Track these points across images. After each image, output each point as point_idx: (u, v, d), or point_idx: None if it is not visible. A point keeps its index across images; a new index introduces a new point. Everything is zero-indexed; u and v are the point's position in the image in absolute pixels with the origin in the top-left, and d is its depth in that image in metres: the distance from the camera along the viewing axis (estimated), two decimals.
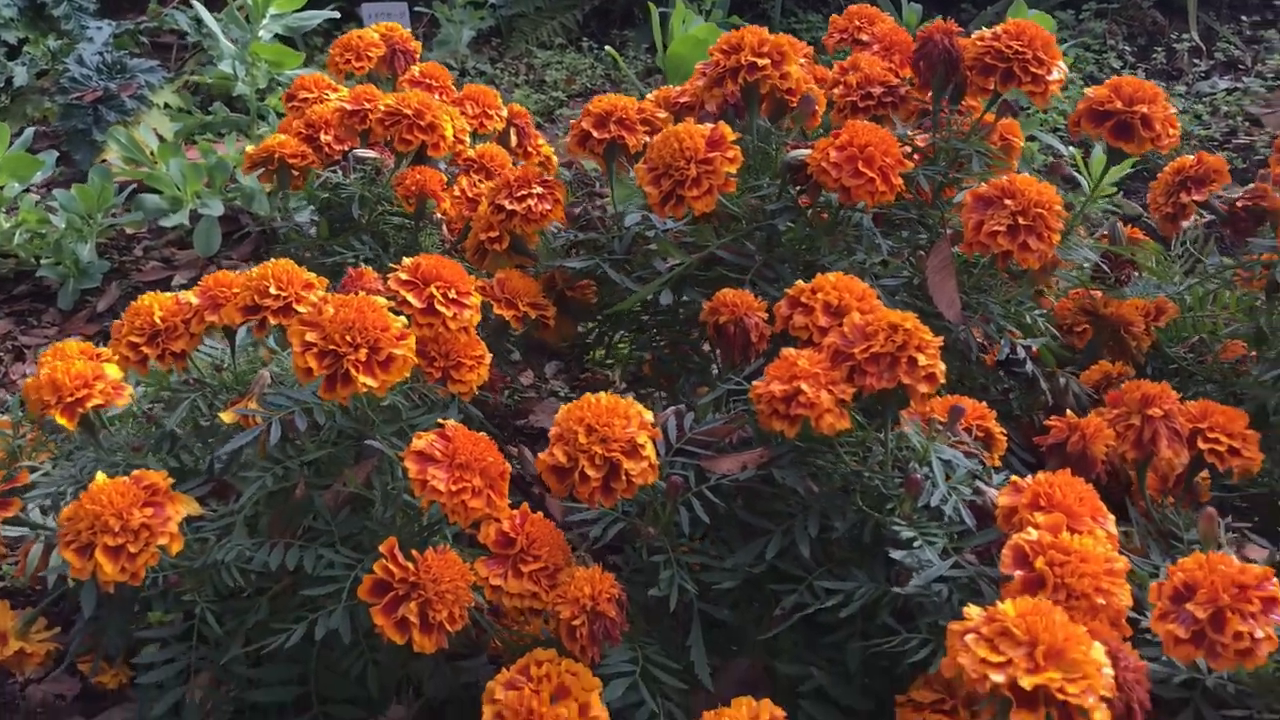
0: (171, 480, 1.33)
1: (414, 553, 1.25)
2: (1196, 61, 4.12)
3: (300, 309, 1.35)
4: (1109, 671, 0.93)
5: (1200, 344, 1.89)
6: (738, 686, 1.24)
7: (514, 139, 2.29)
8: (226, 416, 1.47)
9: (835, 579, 1.25)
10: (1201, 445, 1.36)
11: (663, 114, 1.83)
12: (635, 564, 1.34)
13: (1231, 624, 0.97)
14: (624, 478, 1.23)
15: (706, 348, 1.69)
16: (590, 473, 1.22)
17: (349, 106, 1.99)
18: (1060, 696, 0.89)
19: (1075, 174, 3.22)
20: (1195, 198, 1.76)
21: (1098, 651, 0.94)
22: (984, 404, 1.41)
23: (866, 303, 1.31)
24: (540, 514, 1.34)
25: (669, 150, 1.48)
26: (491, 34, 4.78)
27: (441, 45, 4.48)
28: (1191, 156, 1.80)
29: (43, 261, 3.29)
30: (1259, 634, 0.97)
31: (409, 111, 1.87)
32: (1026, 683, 0.89)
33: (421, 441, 1.28)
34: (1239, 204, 1.69)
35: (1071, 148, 3.57)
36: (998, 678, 0.90)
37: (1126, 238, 1.78)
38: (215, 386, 1.57)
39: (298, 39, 4.15)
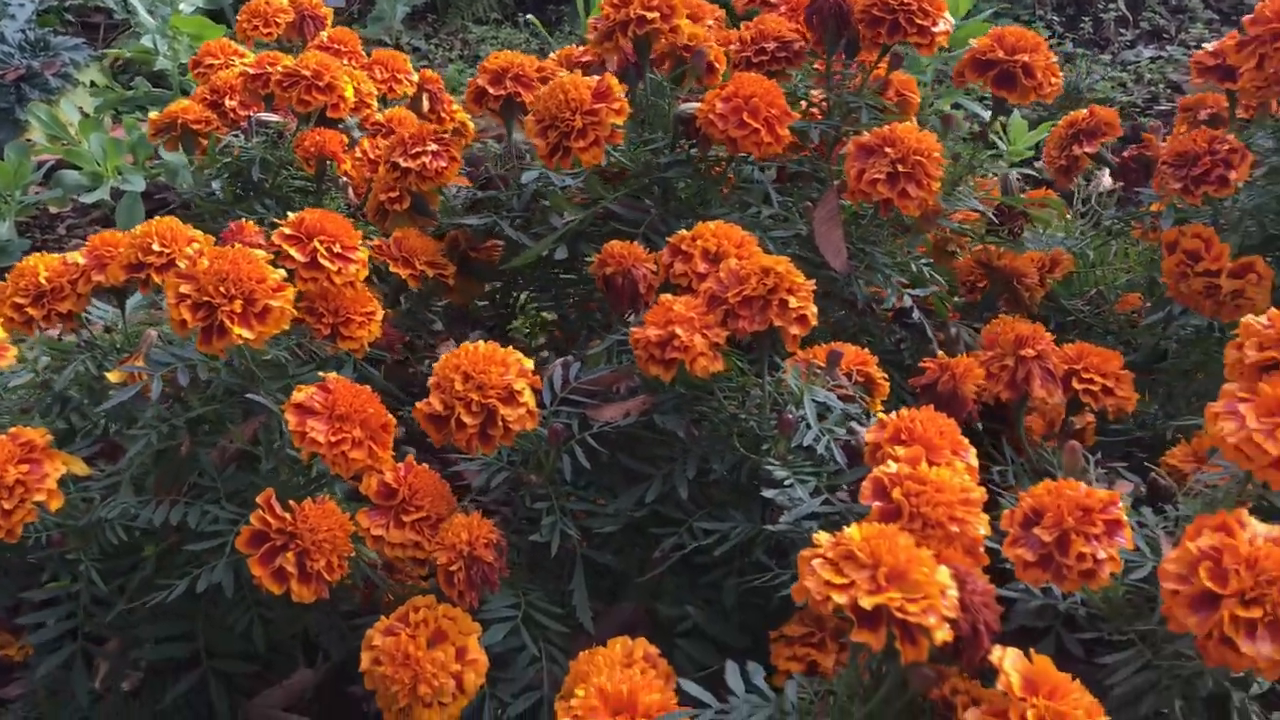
0: (51, 438, 1.32)
1: (291, 503, 1.25)
2: (1123, 31, 4.17)
3: (172, 278, 1.34)
4: (953, 593, 0.95)
5: (1098, 296, 1.93)
6: (619, 629, 1.25)
7: (426, 104, 2.27)
8: (113, 376, 1.46)
9: (714, 520, 1.26)
10: (1076, 386, 1.39)
11: (617, 85, 1.83)
12: (521, 513, 1.35)
13: (1075, 546, 1.00)
14: (501, 424, 1.23)
15: None
16: (467, 420, 1.23)
17: (252, 71, 1.97)
18: (900, 615, 0.91)
19: (996, 139, 3.27)
20: (1086, 149, 1.78)
21: (942, 574, 0.95)
22: (867, 351, 1.43)
23: (745, 249, 1.33)
24: (425, 466, 1.35)
25: (555, 102, 1.48)
26: (427, 9, 4.75)
27: (376, 21, 4.44)
28: (1084, 110, 1.82)
29: None
30: (1101, 555, 0.99)
31: (307, 73, 1.86)
32: (867, 603, 0.91)
33: (301, 394, 1.28)
34: (1127, 155, 1.72)
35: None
36: (840, 599, 0.92)
37: (1018, 190, 1.80)
38: (105, 348, 1.55)
39: (227, 10, 4.09)
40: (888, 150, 1.44)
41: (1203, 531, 0.96)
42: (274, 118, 1.99)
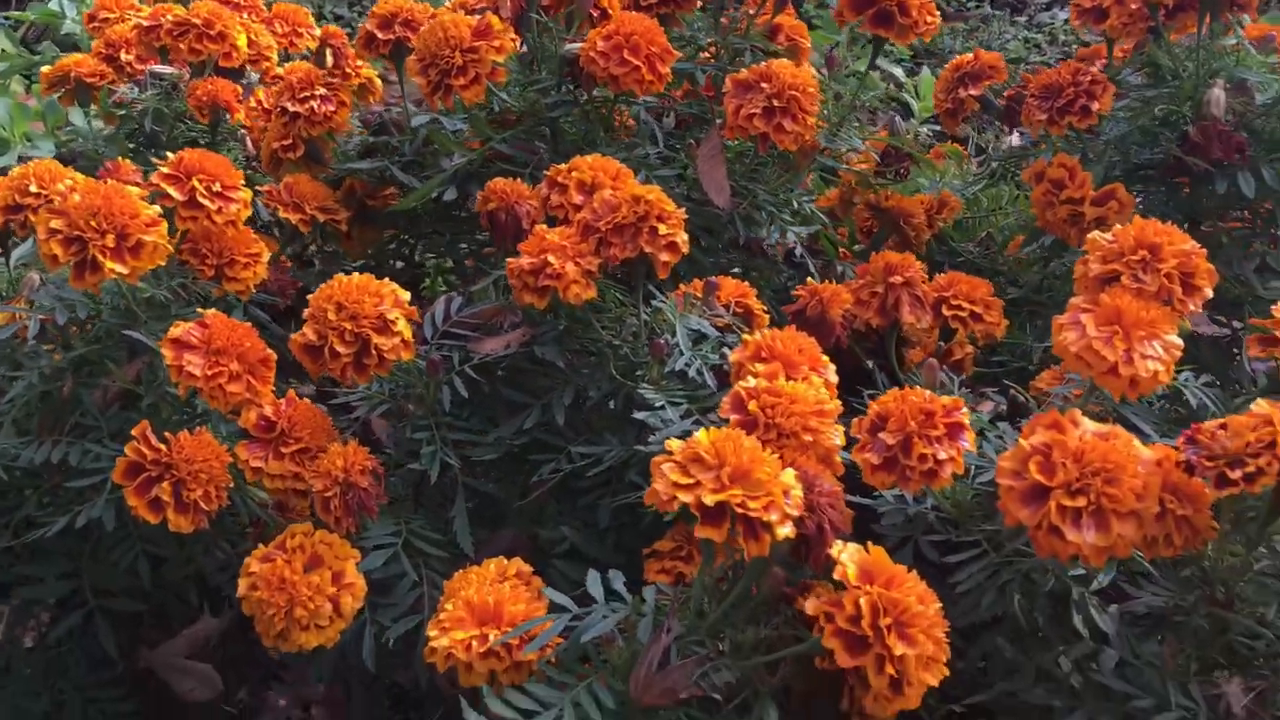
0: None
1: (167, 435, 1.25)
2: None
3: (44, 213, 1.33)
4: (798, 493, 0.98)
5: (988, 239, 1.97)
6: (501, 554, 1.26)
7: (329, 59, 2.25)
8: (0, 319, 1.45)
9: (591, 445, 1.29)
10: (946, 312, 1.43)
11: (498, 23, 1.83)
12: (405, 445, 1.36)
13: (917, 448, 1.03)
14: (375, 354, 1.25)
15: None
16: (340, 349, 1.24)
17: (146, 23, 1.96)
18: (741, 511, 0.94)
19: (909, 99, 3.31)
20: (971, 92, 1.82)
21: (787, 476, 0.99)
22: (748, 285, 1.46)
23: (620, 181, 1.35)
24: (306, 400, 1.36)
25: (435, 40, 1.49)
26: None
27: None
28: (970, 54, 1.86)
29: None
30: (943, 456, 1.03)
31: (198, 21, 1.85)
32: (709, 499, 0.94)
33: (179, 329, 1.28)
34: (1008, 94, 1.76)
35: (910, 75, 3.66)
36: (685, 498, 0.95)
37: (905, 132, 1.84)
38: None
39: None
40: (764, 86, 1.47)
41: (1036, 430, 1.00)
42: (168, 69, 1.98)
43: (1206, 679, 1.00)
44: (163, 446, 1.24)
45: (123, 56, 2.05)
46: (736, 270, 1.72)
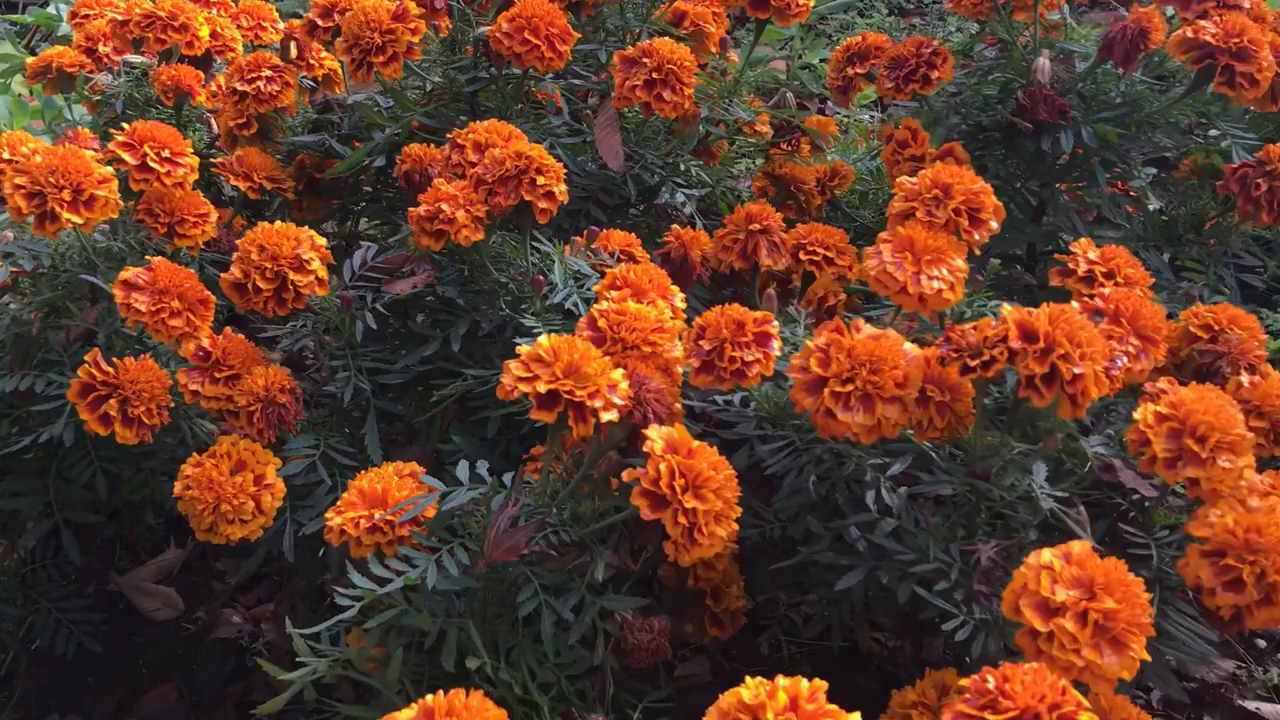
0: None
1: (114, 360, 1.46)
2: None
3: (9, 171, 1.53)
4: (624, 387, 1.18)
5: (884, 206, 2.16)
6: None
7: (294, 51, 2.46)
8: None
9: (483, 370, 1.48)
10: (803, 256, 1.62)
11: (414, 8, 2.03)
12: (326, 373, 1.57)
13: (728, 352, 1.23)
14: (292, 289, 1.46)
15: None
16: (261, 285, 1.45)
17: (119, 17, 2.17)
18: (568, 398, 1.14)
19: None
20: (859, 70, 2.01)
21: (615, 373, 1.18)
22: (634, 235, 1.65)
23: (507, 144, 1.54)
24: (242, 336, 1.56)
25: (358, 23, 1.69)
26: None
27: None
28: (858, 36, 2.05)
29: None
30: (750, 358, 1.23)
31: (163, 14, 2.06)
32: (543, 388, 1.13)
33: (128, 273, 1.49)
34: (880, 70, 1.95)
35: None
36: (525, 388, 1.14)
37: (795, 105, 2.04)
38: None
39: None
40: (645, 60, 1.67)
41: (821, 333, 1.19)
42: (139, 59, 2.18)
43: (969, 542, 1.19)
44: (111, 369, 1.45)
45: (100, 48, 2.26)
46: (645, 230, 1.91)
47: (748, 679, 0.90)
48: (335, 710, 1.27)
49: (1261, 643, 1.80)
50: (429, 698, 0.90)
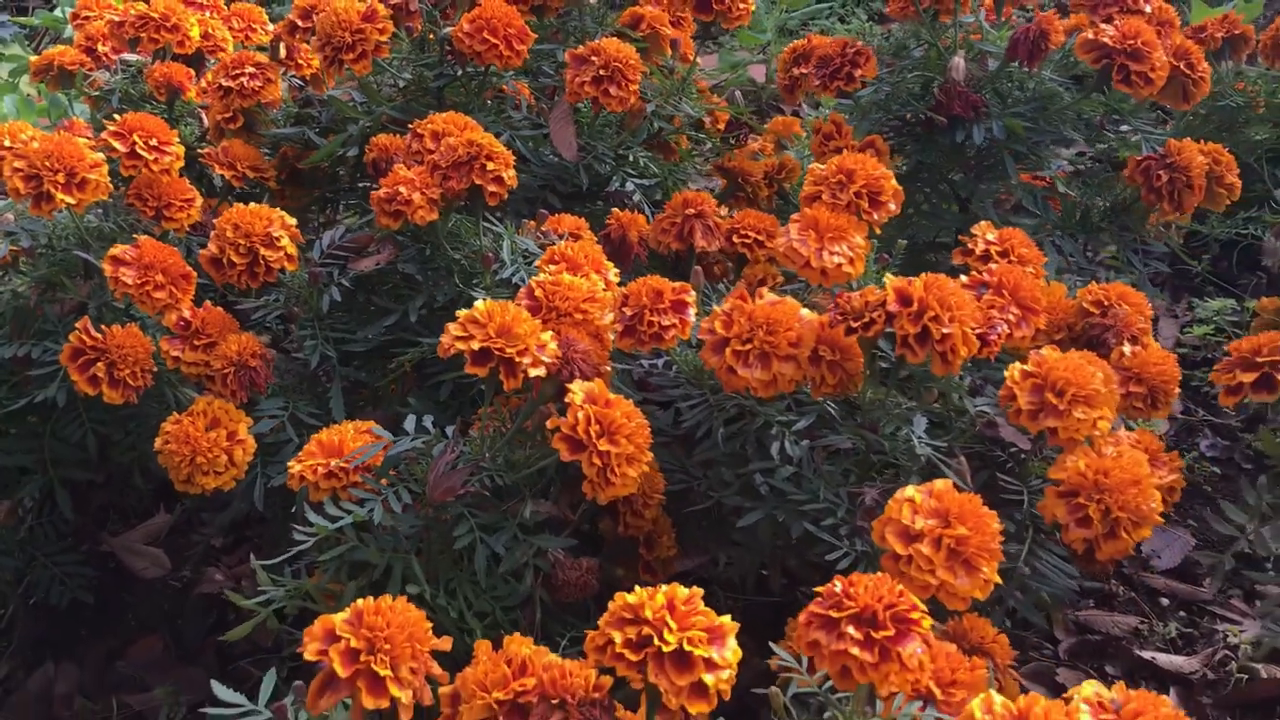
0: None
1: (103, 327, 1.61)
2: None
3: (9, 156, 1.68)
4: (552, 347, 1.32)
5: None
6: None
7: (283, 52, 2.62)
8: None
9: (438, 338, 1.63)
10: (736, 239, 1.76)
11: (383, 10, 2.19)
12: (297, 343, 1.71)
13: (646, 317, 1.37)
14: (264, 264, 1.60)
15: None
16: (235, 259, 1.60)
17: (117, 18, 2.32)
18: (498, 354, 1.28)
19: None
20: (804, 70, 2.16)
21: (545, 335, 1.33)
22: (583, 220, 1.79)
23: (461, 133, 1.69)
24: (220, 309, 1.71)
25: (330, 23, 1.84)
26: None
27: (280, 2, 4.76)
28: (804, 39, 2.20)
29: None
30: (666, 323, 1.37)
31: (156, 15, 2.21)
32: (476, 346, 1.28)
33: (116, 249, 1.64)
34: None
35: None
36: (461, 346, 1.29)
37: (742, 102, 2.18)
38: None
39: None
40: (594, 59, 1.81)
41: (728, 300, 1.34)
42: (135, 57, 2.34)
43: (859, 486, 1.33)
44: (99, 335, 1.60)
45: (99, 48, 2.41)
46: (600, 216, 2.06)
47: (636, 587, 1.04)
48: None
49: (1165, 601, 1.93)
50: (359, 601, 1.04)
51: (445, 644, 1.06)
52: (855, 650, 0.96)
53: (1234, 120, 2.75)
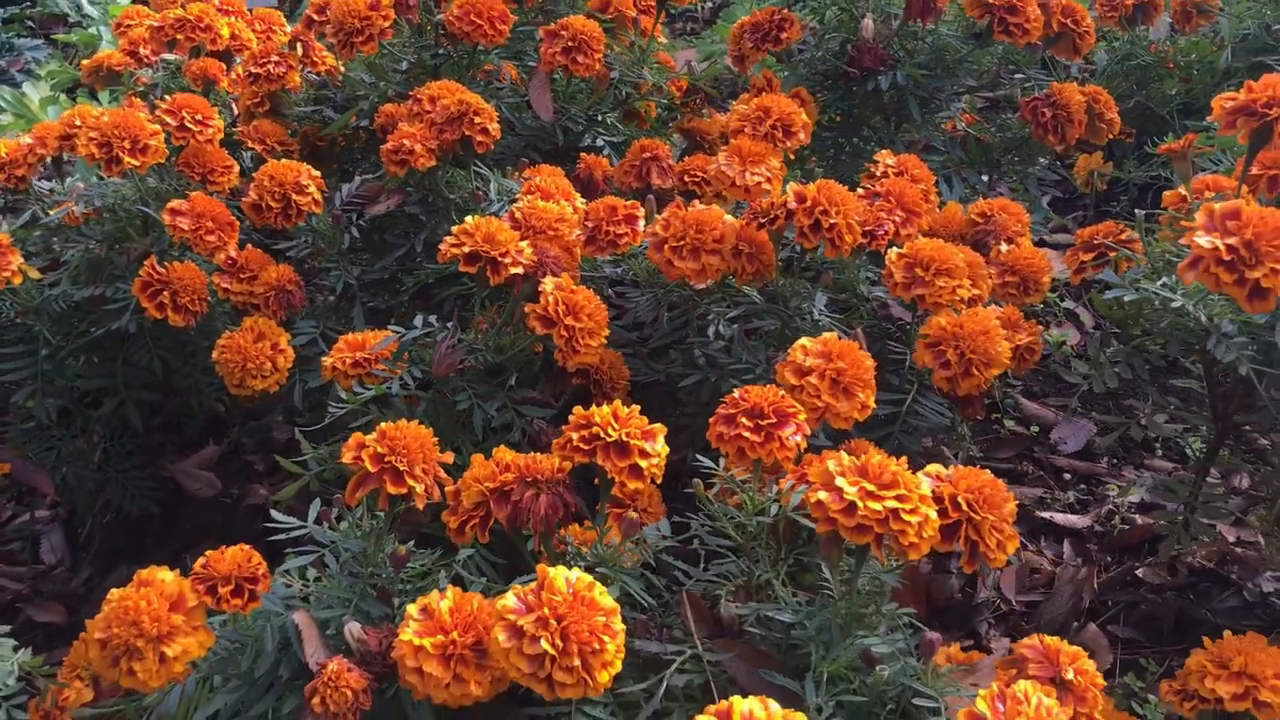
0: (10, 240, 2.02)
1: (166, 264, 1.96)
2: None
3: (83, 130, 2.04)
4: (529, 252, 1.67)
5: None
6: None
7: (300, 51, 2.98)
8: (53, 212, 2.17)
9: (440, 266, 1.98)
10: (687, 179, 2.11)
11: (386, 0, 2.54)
12: (322, 275, 2.07)
13: (604, 228, 1.72)
14: (295, 207, 1.96)
15: None
16: (272, 204, 1.95)
17: (156, 24, 2.69)
18: (485, 255, 1.62)
19: None
20: (749, 43, 2.50)
21: (523, 244, 1.67)
22: (560, 170, 2.14)
23: (452, 95, 2.03)
24: (259, 250, 2.06)
25: (341, 12, 2.20)
26: None
27: (299, 17, 5.14)
28: (749, 15, 2.54)
29: None
30: (619, 232, 1.71)
31: (191, 17, 2.58)
32: (467, 249, 1.63)
33: (173, 203, 2.00)
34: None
35: None
36: (454, 251, 1.63)
37: (725, 69, 2.53)
38: (49, 202, 2.26)
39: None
40: (563, 33, 2.17)
41: (666, 210, 1.68)
42: (173, 56, 2.71)
43: (776, 354, 1.67)
44: (163, 270, 1.95)
45: (141, 50, 2.79)
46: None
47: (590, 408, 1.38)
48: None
49: (1068, 476, 2.26)
50: (384, 424, 1.38)
51: (447, 457, 1.40)
52: (746, 434, 1.30)
53: (1147, 77, 3.10)
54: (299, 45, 2.88)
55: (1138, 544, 2.04)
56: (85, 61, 2.82)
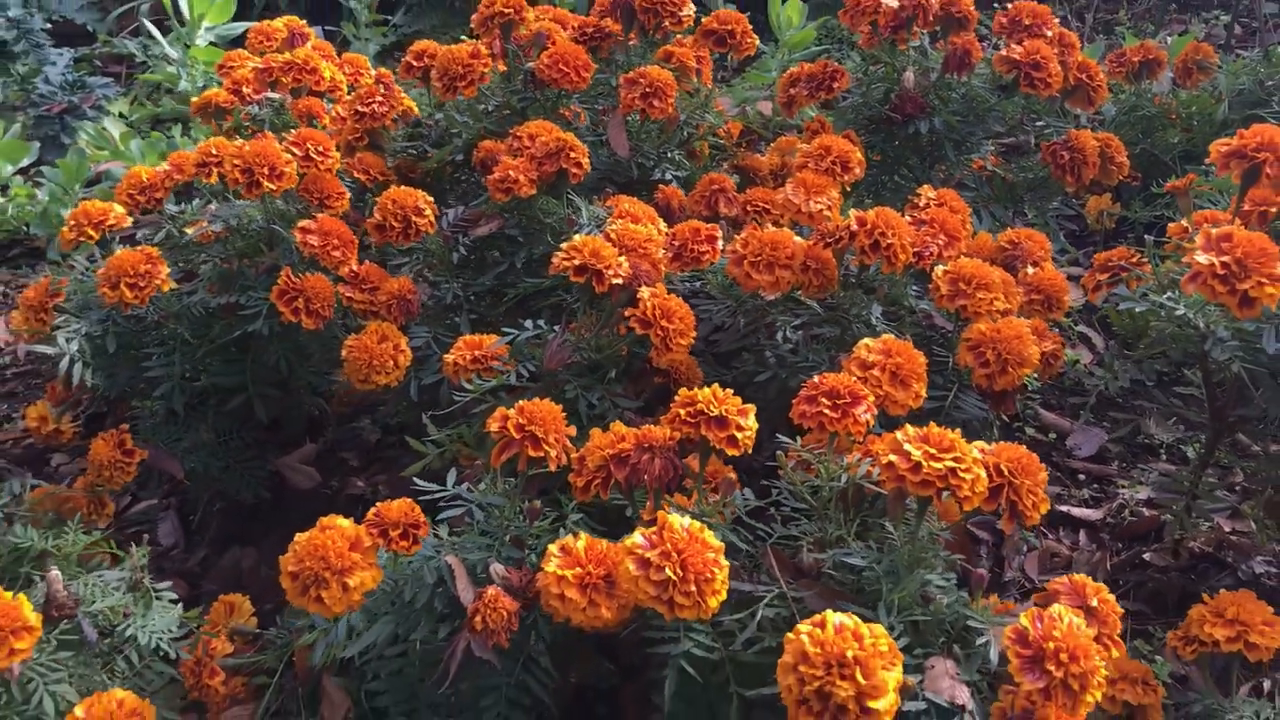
0: (159, 252, 2.32)
1: (300, 275, 2.26)
2: None
3: (227, 158, 2.35)
4: (625, 267, 1.95)
5: None
6: None
7: (382, 90, 3.30)
8: (189, 229, 2.47)
9: (537, 278, 2.27)
10: (749, 208, 2.41)
11: (484, 50, 2.85)
12: (432, 288, 2.36)
13: (689, 246, 2.01)
14: (414, 227, 2.26)
15: None
16: (394, 224, 2.25)
17: (262, 65, 3.01)
18: (591, 267, 1.91)
19: None
20: (797, 89, 2.81)
21: (620, 258, 1.96)
22: (637, 199, 2.44)
23: (550, 133, 2.34)
24: (377, 265, 2.36)
25: (446, 61, 2.51)
26: (394, 48, 5.80)
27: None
28: (797, 66, 2.86)
29: (32, 226, 4.23)
30: (702, 250, 2.01)
31: (299, 61, 2.89)
32: (577, 262, 1.92)
33: (303, 223, 2.30)
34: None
35: None
36: (566, 264, 1.93)
37: (758, 118, 2.84)
38: (184, 220, 2.56)
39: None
40: (641, 80, 2.47)
41: (744, 231, 1.98)
42: (277, 95, 3.02)
43: (839, 354, 1.96)
44: (298, 280, 2.24)
45: (244, 90, 3.10)
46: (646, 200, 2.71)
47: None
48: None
49: (1082, 477, 2.54)
50: (521, 402, 1.67)
51: (571, 430, 1.69)
52: (826, 410, 1.59)
53: (1152, 126, 3.41)
54: (381, 87, 3.21)
55: (1145, 533, 2.31)
56: (195, 99, 3.14)
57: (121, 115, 5.00)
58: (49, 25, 5.78)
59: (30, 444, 3.11)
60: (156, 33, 4.75)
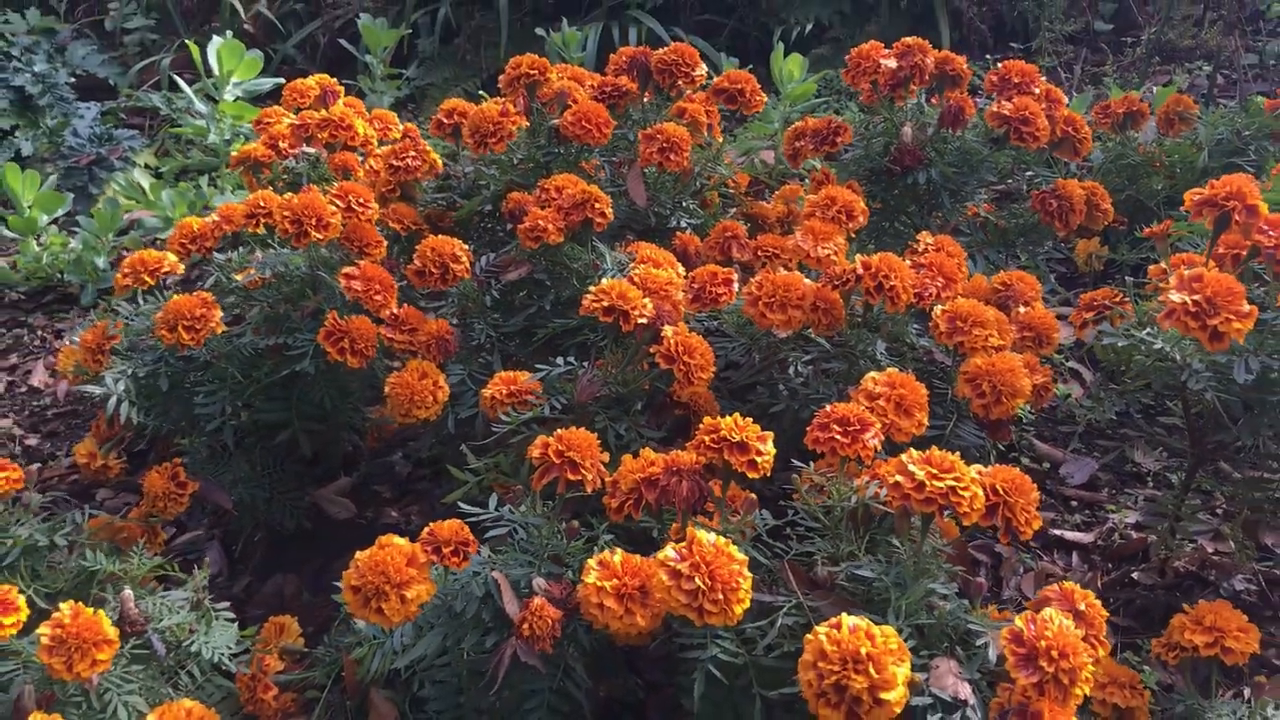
0: (213, 298, 2.50)
1: (345, 318, 2.43)
2: None
3: (276, 209, 2.53)
4: (649, 307, 2.13)
5: None
6: None
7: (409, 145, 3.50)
8: (239, 276, 2.65)
9: (564, 319, 2.45)
10: (759, 253, 2.59)
11: (513, 109, 3.05)
12: (464, 329, 2.54)
13: (708, 288, 2.19)
14: (452, 272, 2.44)
15: None
16: (432, 270, 2.43)
17: (298, 121, 3.21)
18: (620, 308, 2.09)
19: None
20: (802, 142, 3.01)
21: (645, 300, 2.14)
22: (654, 245, 2.62)
23: (576, 185, 2.53)
24: (415, 309, 2.53)
25: (479, 118, 2.71)
26: (408, 100, 6.02)
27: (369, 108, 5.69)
28: (802, 121, 3.05)
29: (66, 273, 4.42)
30: (719, 292, 2.18)
31: (335, 118, 3.09)
32: (606, 304, 2.09)
33: (346, 269, 2.48)
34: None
35: None
36: (595, 306, 2.10)
37: (762, 167, 3.03)
38: (231, 268, 2.74)
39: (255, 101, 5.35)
40: (658, 136, 2.67)
41: (761, 275, 2.16)
42: (313, 150, 3.22)
43: (846, 387, 2.13)
44: (343, 322, 2.42)
45: (280, 144, 3.30)
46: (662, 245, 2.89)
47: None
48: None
49: (1074, 503, 2.70)
50: (560, 430, 1.83)
51: (605, 456, 1.86)
52: (838, 436, 1.75)
53: (1137, 174, 3.60)
54: (410, 142, 3.40)
55: (1133, 554, 2.47)
56: (233, 153, 3.33)
57: (147, 166, 5.21)
58: (72, 79, 6.02)
59: (75, 480, 3.28)
60: (186, 87, 4.96)
